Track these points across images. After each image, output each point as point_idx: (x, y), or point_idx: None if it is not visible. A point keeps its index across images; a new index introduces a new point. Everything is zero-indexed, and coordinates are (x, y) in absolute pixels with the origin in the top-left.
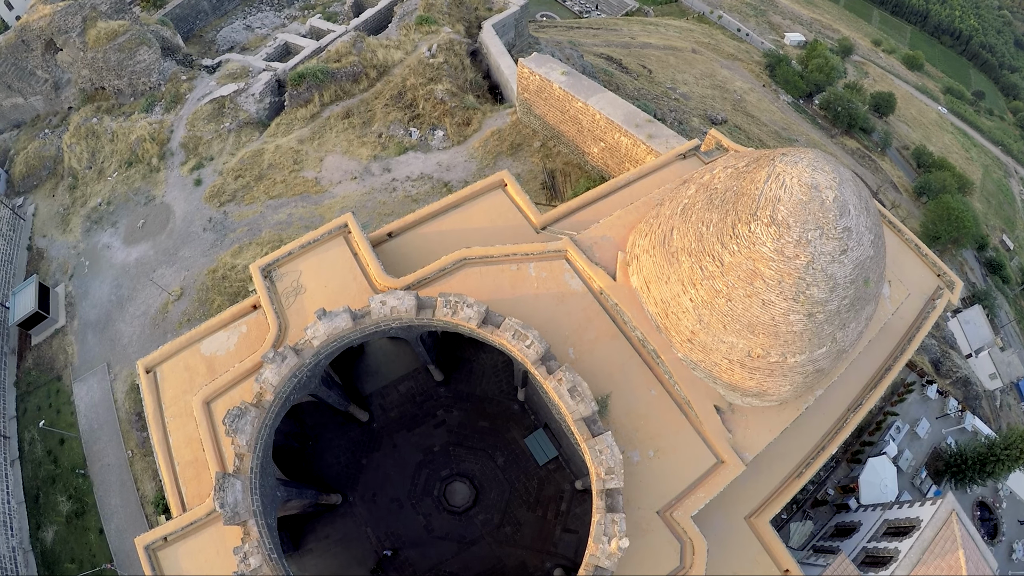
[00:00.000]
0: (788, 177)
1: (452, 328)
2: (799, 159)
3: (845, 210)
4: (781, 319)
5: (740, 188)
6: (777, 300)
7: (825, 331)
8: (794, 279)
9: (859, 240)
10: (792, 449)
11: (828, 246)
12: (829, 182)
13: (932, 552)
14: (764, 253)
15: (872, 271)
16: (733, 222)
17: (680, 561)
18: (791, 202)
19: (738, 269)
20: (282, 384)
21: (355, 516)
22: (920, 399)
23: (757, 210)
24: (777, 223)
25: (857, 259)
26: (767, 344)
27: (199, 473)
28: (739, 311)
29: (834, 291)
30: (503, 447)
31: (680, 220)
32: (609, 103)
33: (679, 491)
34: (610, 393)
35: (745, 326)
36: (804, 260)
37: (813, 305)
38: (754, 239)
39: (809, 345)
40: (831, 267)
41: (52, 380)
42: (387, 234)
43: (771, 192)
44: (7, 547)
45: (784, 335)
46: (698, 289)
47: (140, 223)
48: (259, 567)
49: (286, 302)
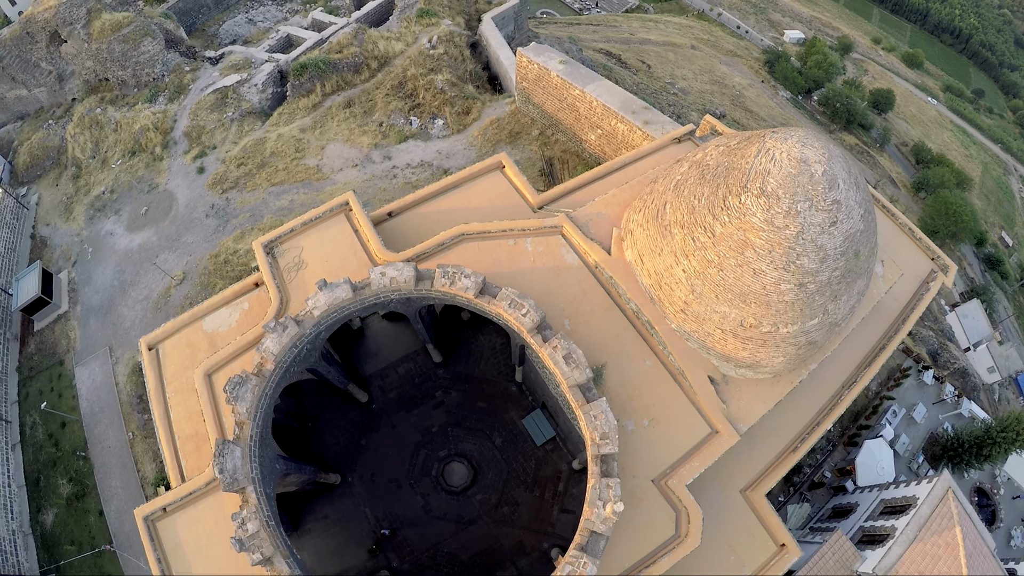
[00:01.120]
0: (778, 152)
1: (450, 299)
2: (789, 135)
3: (834, 183)
4: (772, 288)
5: (731, 163)
6: (768, 269)
7: (816, 302)
8: (784, 249)
9: (849, 213)
10: (787, 423)
11: (817, 217)
12: (818, 157)
13: (929, 529)
14: (754, 223)
15: (863, 245)
16: (724, 194)
17: (676, 530)
18: (780, 175)
19: (729, 239)
20: (283, 353)
21: (354, 496)
22: (917, 385)
23: (747, 182)
24: (767, 194)
25: (847, 232)
26: (759, 314)
27: (199, 447)
28: (731, 281)
29: (824, 262)
30: (501, 428)
31: (673, 195)
32: (606, 90)
33: (674, 460)
34: (605, 363)
35: (737, 295)
36: (794, 230)
37: (804, 275)
38: (744, 210)
39: (801, 315)
40: (821, 238)
41: (54, 365)
42: (387, 213)
43: (761, 165)
44: (7, 530)
45: (776, 304)
46: (690, 260)
47: (143, 210)
48: (256, 532)
49: (288, 277)
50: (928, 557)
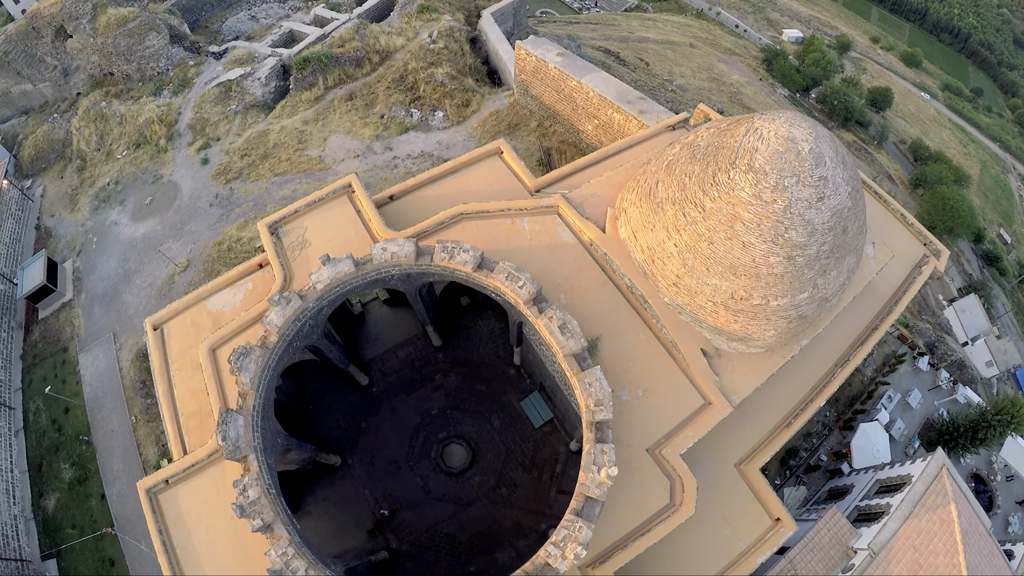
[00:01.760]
0: (766, 131)
1: (449, 274)
2: (777, 116)
3: (821, 161)
4: (762, 261)
5: (720, 143)
6: (757, 242)
7: (806, 275)
8: (772, 222)
9: (836, 190)
10: (780, 399)
11: (804, 193)
12: (805, 135)
13: (924, 505)
14: (743, 198)
15: (850, 221)
16: (714, 171)
17: (670, 499)
18: (768, 152)
19: (719, 214)
20: (286, 326)
21: (353, 478)
22: (912, 371)
23: (736, 159)
24: (755, 170)
25: (834, 207)
26: (749, 286)
27: (202, 423)
28: (721, 254)
29: (812, 236)
30: (499, 410)
31: (665, 174)
32: (602, 82)
33: (668, 430)
34: (600, 336)
35: (727, 268)
36: (781, 204)
37: (792, 248)
38: (733, 185)
39: (791, 288)
40: (808, 212)
41: (58, 351)
42: (388, 197)
43: (749, 143)
44: (9, 515)
45: (765, 277)
46: (682, 234)
47: (148, 200)
48: (257, 499)
49: (291, 255)
50: (923, 533)
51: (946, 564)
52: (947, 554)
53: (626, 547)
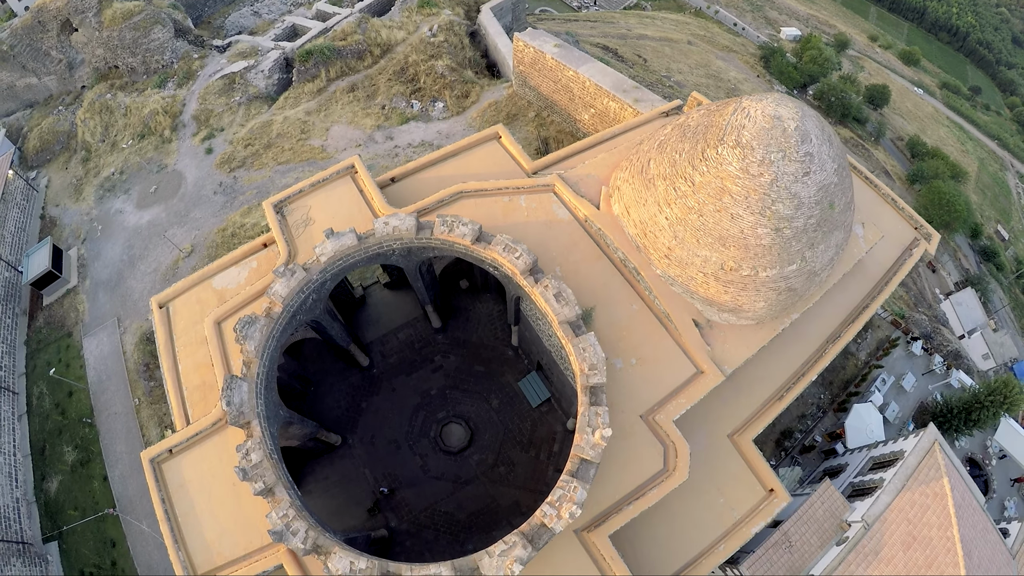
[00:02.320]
0: (753, 110)
1: (448, 247)
2: (764, 97)
3: (807, 138)
4: (750, 232)
5: (709, 122)
6: (745, 214)
7: (793, 247)
8: (759, 195)
9: (821, 165)
10: (773, 373)
11: (790, 167)
12: (791, 114)
13: (916, 479)
14: (730, 172)
15: (837, 197)
16: (703, 148)
17: (664, 464)
18: (755, 128)
19: (708, 187)
20: (290, 296)
21: (354, 458)
22: (906, 355)
23: (724, 136)
24: (742, 145)
25: (820, 182)
26: (738, 257)
27: (205, 396)
28: (710, 225)
29: (799, 209)
30: (498, 390)
31: (657, 152)
32: (599, 71)
33: (661, 397)
34: (594, 307)
35: (716, 239)
36: (768, 178)
37: (779, 220)
38: (721, 160)
39: (779, 260)
40: (794, 186)
41: (62, 336)
42: (390, 179)
43: (737, 121)
44: (11, 498)
45: (753, 248)
46: (672, 208)
47: (152, 189)
48: (260, 462)
49: (296, 232)
50: (917, 506)
51: (940, 536)
52: (941, 527)
53: (621, 511)
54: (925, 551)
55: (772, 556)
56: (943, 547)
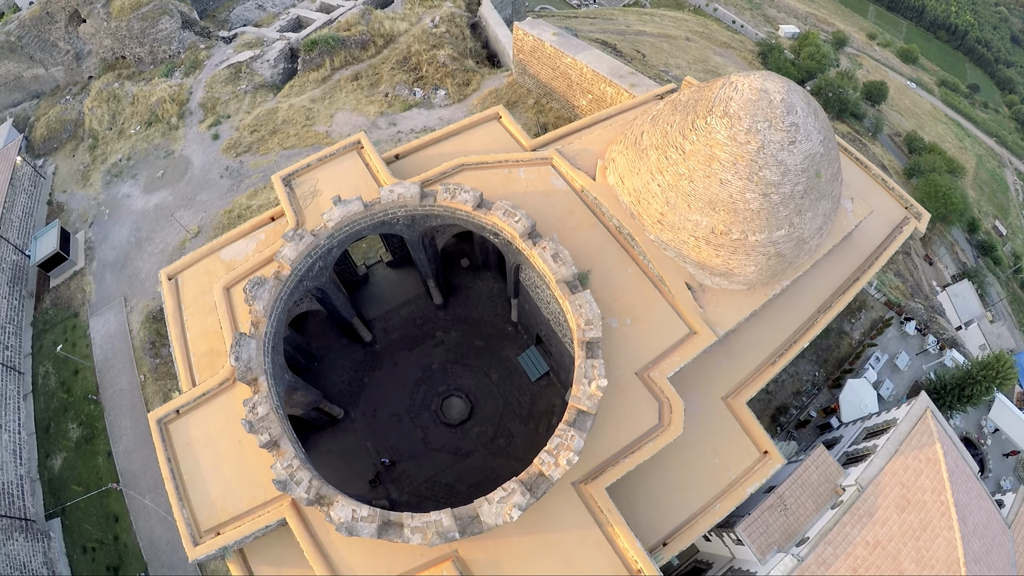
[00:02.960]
0: (741, 84)
1: (451, 215)
2: (752, 74)
3: (792, 109)
4: (739, 197)
5: (699, 96)
6: (733, 179)
7: (781, 213)
8: (747, 161)
9: (807, 136)
10: (765, 339)
11: (776, 136)
12: (778, 88)
13: (909, 444)
14: (719, 140)
15: (823, 167)
16: (692, 119)
17: (659, 419)
18: (742, 100)
19: (698, 155)
20: (299, 260)
21: (355, 431)
22: (899, 336)
23: (712, 107)
24: (730, 115)
25: (806, 152)
26: (728, 221)
27: (212, 361)
28: (700, 190)
29: (786, 176)
30: (498, 364)
31: (650, 125)
32: (595, 58)
33: (655, 355)
34: (590, 270)
35: (707, 204)
36: (755, 146)
37: (767, 186)
38: (710, 129)
39: (767, 224)
40: (781, 154)
41: (69, 317)
42: (395, 156)
43: (725, 94)
44: (15, 475)
45: (742, 212)
46: (664, 175)
47: (160, 173)
48: (266, 415)
49: (303, 203)
50: (910, 470)
51: (934, 500)
52: (934, 491)
53: (617, 464)
54: (919, 514)
55: (768, 518)
56: (937, 511)
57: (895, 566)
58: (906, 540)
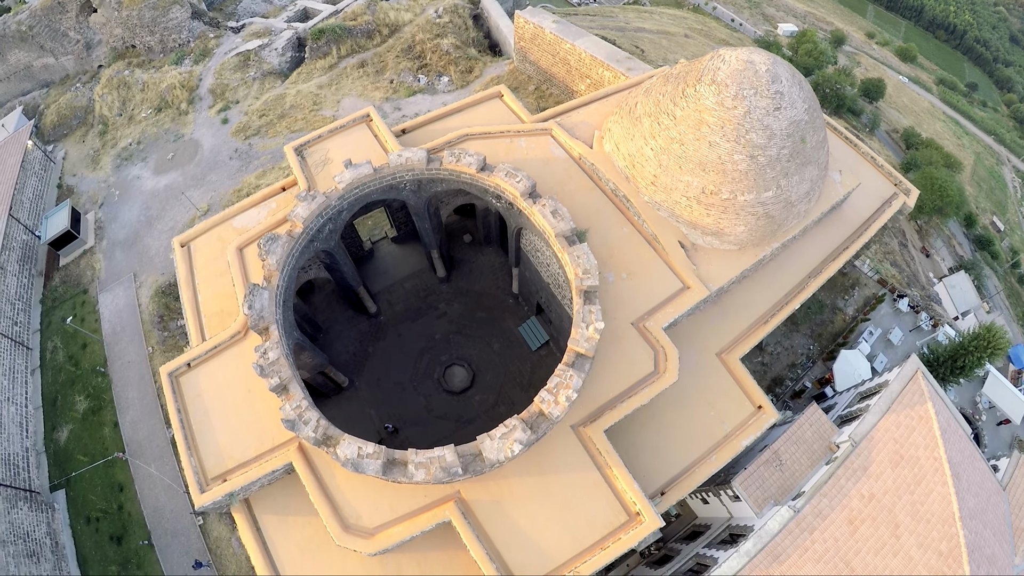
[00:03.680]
0: (728, 56)
1: (455, 178)
2: (739, 48)
3: (777, 79)
4: (727, 158)
5: (689, 68)
6: (721, 142)
7: (768, 174)
8: (734, 125)
9: (792, 103)
10: (757, 300)
11: (762, 102)
12: (764, 60)
13: (901, 402)
14: (707, 105)
15: (808, 133)
16: (683, 88)
17: (655, 367)
18: (729, 70)
19: (688, 120)
20: (311, 218)
21: (360, 399)
22: (893, 312)
23: (702, 76)
24: (717, 83)
25: (791, 118)
26: (717, 181)
27: (223, 321)
28: (691, 153)
29: (771, 139)
30: (499, 335)
31: (643, 96)
32: (593, 44)
33: (651, 307)
34: (587, 229)
35: (697, 165)
36: (741, 111)
37: (753, 148)
38: (699, 96)
39: (755, 185)
40: (766, 119)
41: (78, 293)
42: (401, 131)
43: (713, 64)
44: (21, 447)
45: (731, 173)
46: (657, 140)
47: (170, 156)
48: (276, 360)
49: (315, 171)
50: (902, 427)
51: (927, 456)
52: (927, 447)
53: (615, 407)
54: (913, 469)
55: (764, 473)
56: (931, 466)
57: (891, 518)
58: (901, 494)
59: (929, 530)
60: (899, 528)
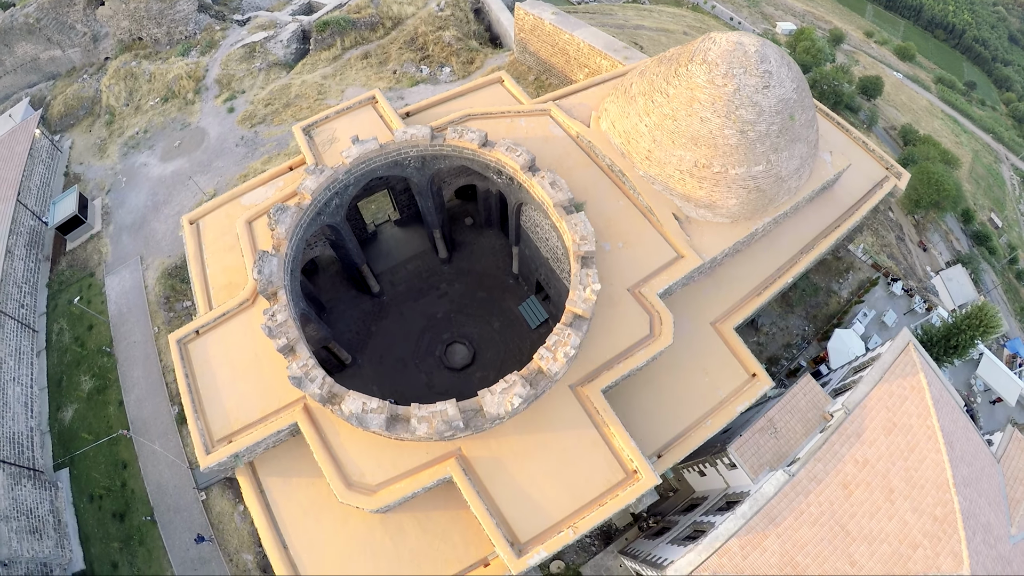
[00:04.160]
0: (719, 38)
1: (458, 153)
2: (730, 32)
3: (766, 59)
4: (718, 133)
5: (681, 51)
6: (712, 117)
7: (758, 149)
8: (724, 101)
9: (780, 82)
10: (751, 272)
11: (751, 80)
12: (753, 41)
13: (893, 372)
14: (699, 83)
15: (797, 111)
16: (676, 68)
17: (650, 330)
18: (719, 50)
19: (680, 97)
20: (319, 191)
21: (363, 376)
22: (886, 295)
23: (693, 56)
24: (708, 62)
25: (780, 96)
26: (709, 155)
27: (232, 293)
28: (683, 128)
29: (761, 116)
30: (499, 313)
31: (638, 77)
32: (592, 34)
33: (646, 274)
34: (585, 202)
35: (689, 139)
36: (731, 88)
37: (743, 124)
38: (691, 75)
39: (746, 159)
40: (756, 96)
41: (85, 276)
42: (405, 113)
43: (704, 46)
44: (26, 427)
45: (722, 147)
46: (651, 116)
47: (176, 144)
48: (284, 322)
49: (322, 149)
50: (895, 396)
51: (920, 425)
52: (920, 416)
53: (612, 368)
54: (906, 436)
55: (759, 440)
56: (924, 434)
57: (885, 483)
58: (894, 460)
59: (923, 496)
60: (893, 493)
